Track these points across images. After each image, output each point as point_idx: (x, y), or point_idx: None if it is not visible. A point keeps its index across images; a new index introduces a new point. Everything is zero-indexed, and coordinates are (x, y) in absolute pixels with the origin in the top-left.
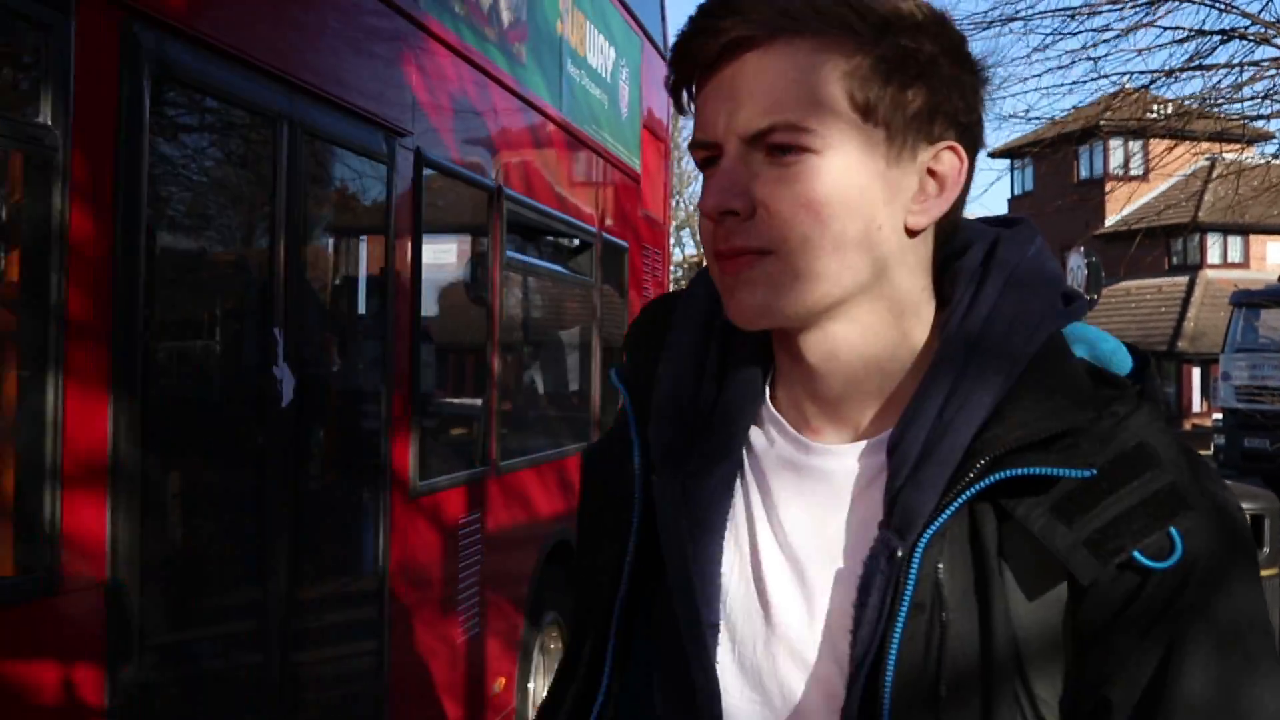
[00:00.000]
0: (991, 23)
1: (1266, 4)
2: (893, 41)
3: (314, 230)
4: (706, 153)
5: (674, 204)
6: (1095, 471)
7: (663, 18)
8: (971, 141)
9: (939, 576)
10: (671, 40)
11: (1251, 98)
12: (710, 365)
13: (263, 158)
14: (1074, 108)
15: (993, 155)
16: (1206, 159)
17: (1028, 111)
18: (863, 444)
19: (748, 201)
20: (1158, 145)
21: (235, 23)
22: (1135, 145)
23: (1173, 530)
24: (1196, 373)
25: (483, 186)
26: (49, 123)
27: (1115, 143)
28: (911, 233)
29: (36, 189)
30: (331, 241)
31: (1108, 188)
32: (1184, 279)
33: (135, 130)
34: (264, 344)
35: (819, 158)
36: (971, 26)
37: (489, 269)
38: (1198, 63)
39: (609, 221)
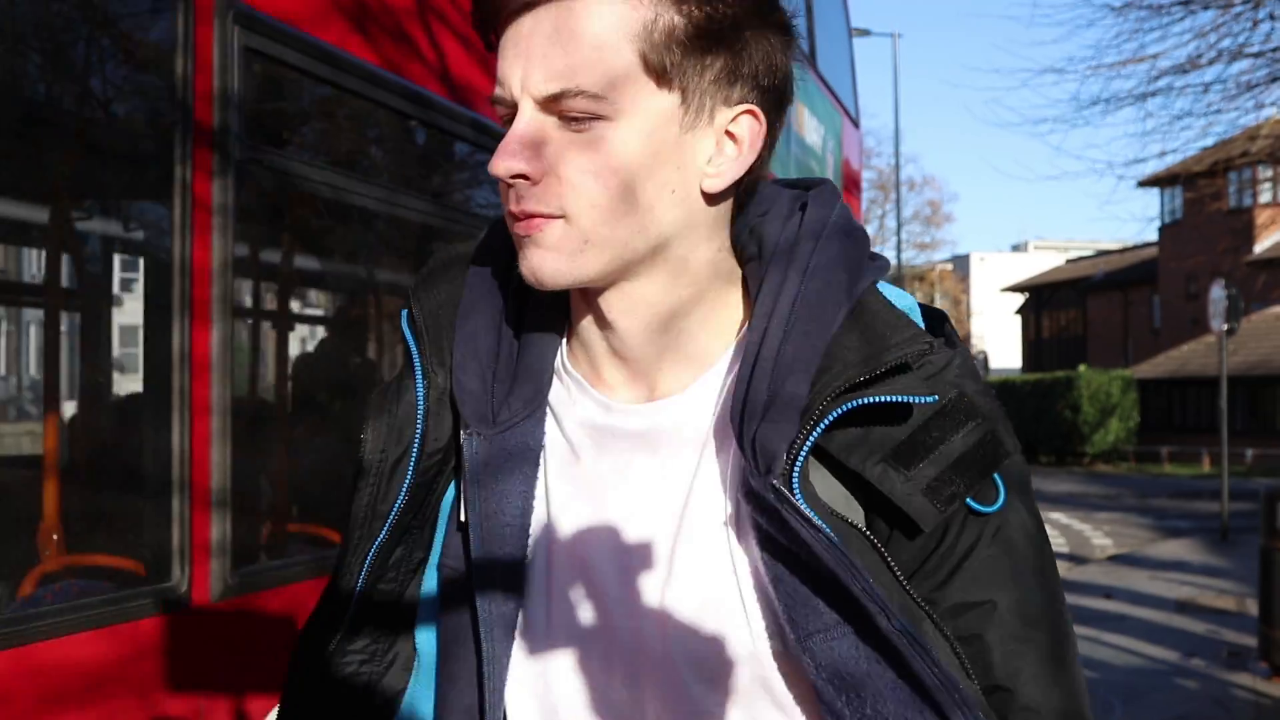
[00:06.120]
0: (1124, 101)
1: None
2: (694, 3)
3: None
4: (505, 110)
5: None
6: (937, 398)
7: (854, 91)
8: (776, 101)
9: (820, 503)
10: (851, 107)
11: None
12: (509, 319)
13: None
14: (1216, 144)
15: (1141, 185)
16: None
17: (1168, 162)
18: (664, 401)
19: (539, 166)
20: None
21: None
22: None
23: (996, 476)
24: None
25: None
26: None
27: (1265, 171)
28: (708, 195)
29: None
30: None
31: (1257, 217)
32: None
33: None
34: None
35: (611, 125)
36: (1115, 104)
37: None
38: None
39: None
